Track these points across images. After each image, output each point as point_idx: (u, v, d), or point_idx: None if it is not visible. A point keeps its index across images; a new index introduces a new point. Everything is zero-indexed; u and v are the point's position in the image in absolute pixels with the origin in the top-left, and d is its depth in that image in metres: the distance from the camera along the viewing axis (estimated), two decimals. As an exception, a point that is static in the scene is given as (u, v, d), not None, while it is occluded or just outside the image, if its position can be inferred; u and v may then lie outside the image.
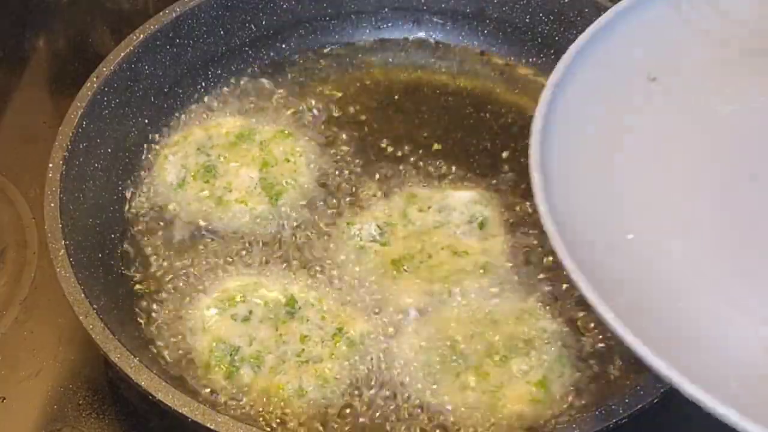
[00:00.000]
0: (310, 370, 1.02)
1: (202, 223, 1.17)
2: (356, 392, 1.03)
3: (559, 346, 1.05)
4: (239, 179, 1.19)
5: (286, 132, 1.24)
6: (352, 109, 1.30)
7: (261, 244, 1.15)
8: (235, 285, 1.10)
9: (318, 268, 1.13)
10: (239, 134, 1.23)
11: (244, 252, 1.15)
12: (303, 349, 1.04)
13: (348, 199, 1.19)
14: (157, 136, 1.25)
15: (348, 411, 1.02)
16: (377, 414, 1.02)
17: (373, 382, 1.03)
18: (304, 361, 1.03)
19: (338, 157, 1.23)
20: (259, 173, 1.19)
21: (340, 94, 1.32)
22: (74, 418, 1.08)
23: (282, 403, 1.01)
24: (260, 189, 1.18)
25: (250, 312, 1.07)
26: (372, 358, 1.05)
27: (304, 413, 1.01)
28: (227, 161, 1.21)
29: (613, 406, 0.91)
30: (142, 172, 1.22)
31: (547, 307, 1.08)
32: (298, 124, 1.26)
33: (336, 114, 1.29)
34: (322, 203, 1.19)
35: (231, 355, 1.03)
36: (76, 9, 1.56)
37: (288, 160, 1.21)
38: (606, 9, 1.23)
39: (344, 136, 1.26)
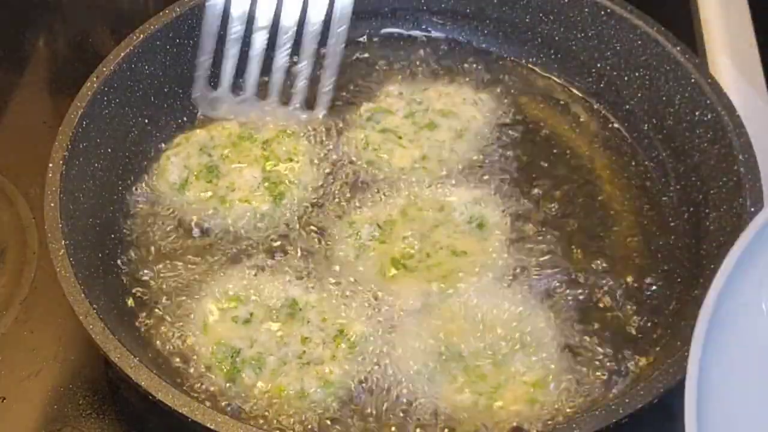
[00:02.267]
0: (311, 371, 1.02)
1: (204, 223, 1.17)
2: (357, 394, 1.03)
3: (557, 345, 1.05)
4: (242, 179, 1.19)
5: (289, 131, 1.24)
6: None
7: (263, 244, 1.15)
8: (236, 285, 1.10)
9: (319, 267, 1.12)
10: (241, 134, 1.23)
11: (246, 252, 1.15)
12: (304, 351, 1.04)
13: (349, 198, 1.19)
14: (158, 135, 1.25)
15: (349, 413, 1.02)
16: (378, 415, 1.02)
17: (373, 384, 1.03)
18: (306, 363, 1.03)
19: (341, 156, 1.23)
20: (262, 173, 1.19)
21: (341, 94, 1.31)
22: (74, 418, 1.08)
23: (283, 405, 1.01)
24: (263, 189, 1.18)
25: (251, 314, 1.07)
26: (372, 360, 1.04)
27: (305, 415, 1.01)
28: (230, 161, 1.21)
29: (613, 406, 0.91)
30: (143, 173, 1.22)
31: (546, 308, 1.08)
32: (300, 124, 1.26)
33: (337, 113, 1.29)
34: (324, 202, 1.19)
35: (232, 356, 1.03)
36: (76, 9, 1.56)
37: (291, 160, 1.21)
38: (605, 9, 1.25)
39: (346, 135, 1.26)
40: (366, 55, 1.36)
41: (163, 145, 1.24)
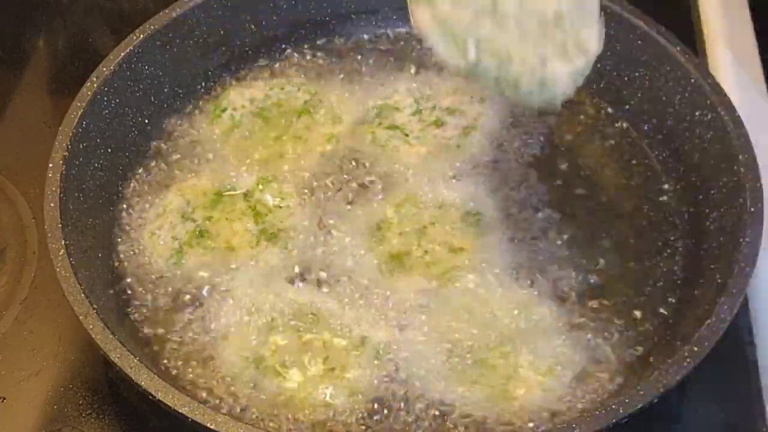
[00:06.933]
0: (332, 378, 1.02)
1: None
2: (367, 397, 1.02)
3: (561, 337, 1.05)
4: (237, 237, 1.14)
5: (268, 178, 1.20)
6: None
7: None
8: (242, 286, 1.10)
9: (318, 271, 1.12)
10: (217, 191, 1.19)
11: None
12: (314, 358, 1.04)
13: (351, 196, 1.19)
14: (158, 135, 1.25)
15: (360, 417, 1.02)
16: (395, 418, 1.02)
17: (386, 387, 1.03)
18: (329, 369, 1.03)
19: (333, 177, 1.22)
20: (255, 225, 1.15)
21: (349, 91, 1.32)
22: (74, 418, 1.08)
23: (298, 410, 1.01)
24: (264, 240, 1.14)
25: (270, 319, 1.07)
26: (383, 362, 1.04)
27: (317, 419, 1.01)
28: (217, 221, 1.15)
29: (613, 406, 0.91)
30: (141, 174, 1.22)
31: (546, 300, 1.09)
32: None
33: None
34: (326, 203, 1.19)
35: (254, 363, 1.03)
36: (76, 9, 1.56)
37: (280, 207, 1.17)
38: (606, 9, 1.25)
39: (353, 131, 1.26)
40: (373, 53, 1.36)
41: (142, 213, 1.18)
